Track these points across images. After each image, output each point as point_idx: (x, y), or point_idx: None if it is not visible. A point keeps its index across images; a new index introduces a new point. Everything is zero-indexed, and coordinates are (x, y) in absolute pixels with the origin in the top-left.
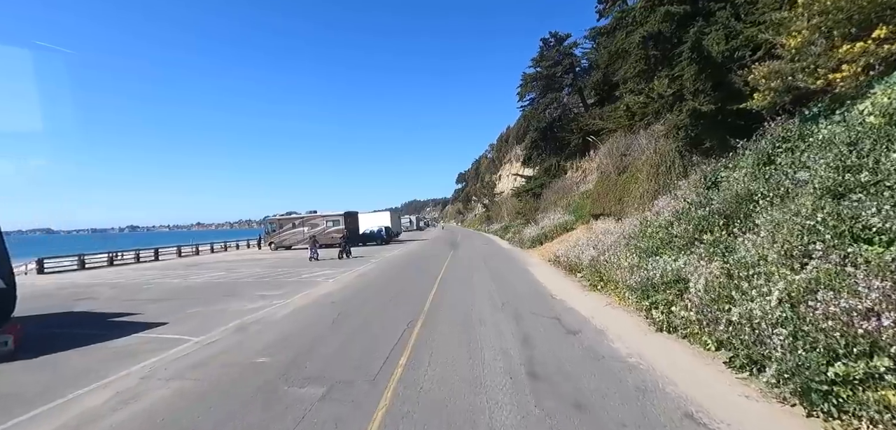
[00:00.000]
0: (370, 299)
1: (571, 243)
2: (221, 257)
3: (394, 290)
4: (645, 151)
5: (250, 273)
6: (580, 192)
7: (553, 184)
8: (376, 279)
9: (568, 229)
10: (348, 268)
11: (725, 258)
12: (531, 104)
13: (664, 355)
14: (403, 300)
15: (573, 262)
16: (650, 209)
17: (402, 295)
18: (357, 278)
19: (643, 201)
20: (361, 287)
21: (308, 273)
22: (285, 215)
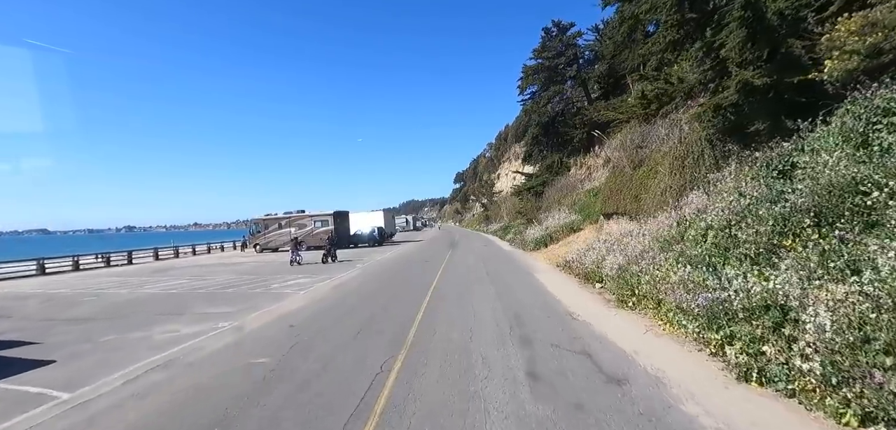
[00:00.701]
0: (341, 321)
1: (581, 246)
2: (197, 262)
3: (374, 307)
4: (665, 141)
5: (216, 282)
6: (586, 189)
7: (556, 182)
8: (357, 290)
9: (575, 230)
10: (329, 275)
11: (855, 277)
12: (532, 98)
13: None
14: (383, 323)
15: (588, 269)
16: (676, 207)
17: (383, 315)
18: (334, 289)
19: (666, 198)
20: (335, 302)
21: (280, 282)
22: (270, 215)
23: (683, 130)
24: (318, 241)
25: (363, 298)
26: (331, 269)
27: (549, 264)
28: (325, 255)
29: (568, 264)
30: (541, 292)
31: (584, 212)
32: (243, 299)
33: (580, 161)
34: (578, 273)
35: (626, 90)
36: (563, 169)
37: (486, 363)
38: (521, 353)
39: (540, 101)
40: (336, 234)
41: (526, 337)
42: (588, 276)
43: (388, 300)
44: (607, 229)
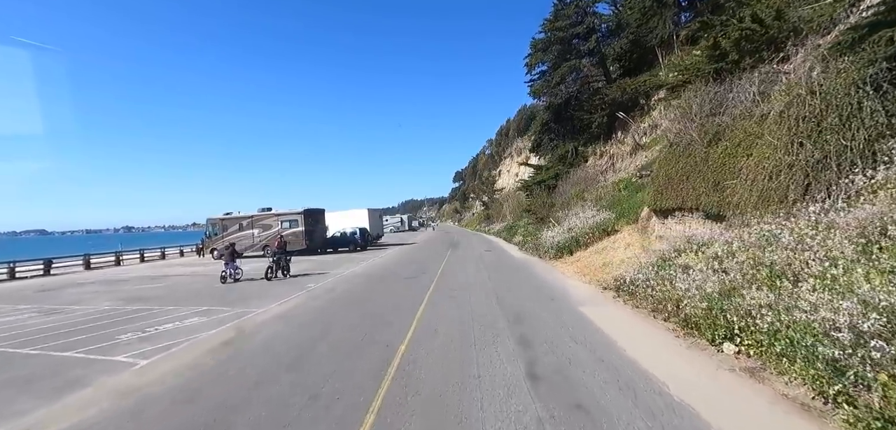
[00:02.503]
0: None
1: (626, 254)
2: (117, 274)
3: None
4: (759, 101)
5: (45, 327)
6: (612, 181)
7: (570, 174)
8: (266, 350)
9: (609, 232)
10: (249, 306)
11: None
12: (542, 78)
13: None
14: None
15: (686, 304)
16: (808, 197)
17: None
18: (222, 347)
19: (783, 185)
20: (189, 396)
21: (157, 321)
22: (229, 215)
23: (812, 76)
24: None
25: (260, 382)
26: (268, 292)
27: (588, 284)
28: (271, 268)
29: (623, 286)
30: (630, 372)
31: (616, 209)
32: (28, 385)
33: (600, 149)
34: (653, 307)
35: (653, 65)
36: (578, 159)
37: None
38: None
39: (551, 79)
40: (307, 236)
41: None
42: (686, 320)
43: (317, 382)
44: (661, 230)
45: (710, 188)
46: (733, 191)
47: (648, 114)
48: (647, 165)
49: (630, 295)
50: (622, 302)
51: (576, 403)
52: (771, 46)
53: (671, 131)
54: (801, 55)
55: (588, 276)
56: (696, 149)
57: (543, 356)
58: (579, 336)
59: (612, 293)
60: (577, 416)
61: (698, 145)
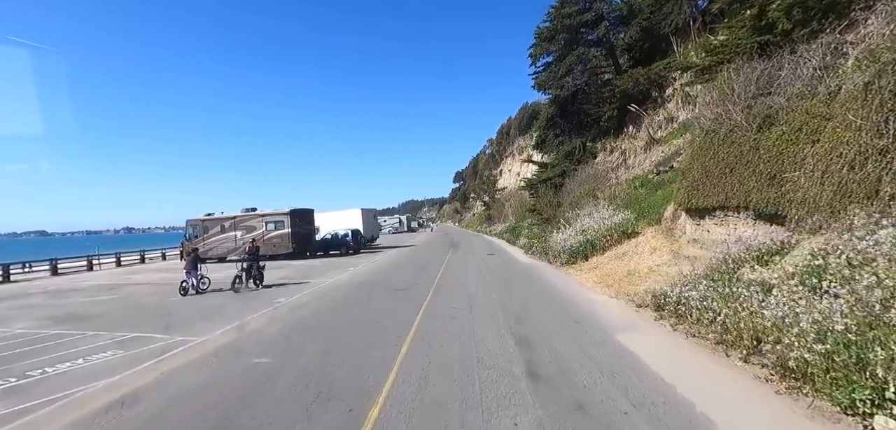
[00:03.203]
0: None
1: (654, 261)
2: (75, 283)
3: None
4: (827, 76)
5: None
6: (625, 179)
7: (578, 171)
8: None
9: (628, 235)
10: (185, 333)
11: None
12: (547, 70)
13: None
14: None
15: (780, 346)
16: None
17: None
18: (101, 415)
19: (872, 175)
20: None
21: (59, 357)
22: (210, 215)
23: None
24: (272, 248)
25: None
26: (224, 309)
27: (616, 299)
28: (239, 278)
29: (665, 304)
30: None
31: (634, 208)
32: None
33: (610, 145)
34: (719, 339)
35: (667, 54)
36: (586, 156)
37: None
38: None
39: (557, 71)
40: (294, 238)
41: None
42: (784, 367)
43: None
44: (695, 232)
45: (764, 182)
46: (796, 185)
47: (663, 106)
48: (666, 160)
49: (678, 317)
50: (669, 327)
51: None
52: (829, 14)
53: (706, 117)
54: (874, 20)
55: (612, 287)
56: (742, 136)
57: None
58: (632, 389)
59: (650, 313)
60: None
61: (745, 132)
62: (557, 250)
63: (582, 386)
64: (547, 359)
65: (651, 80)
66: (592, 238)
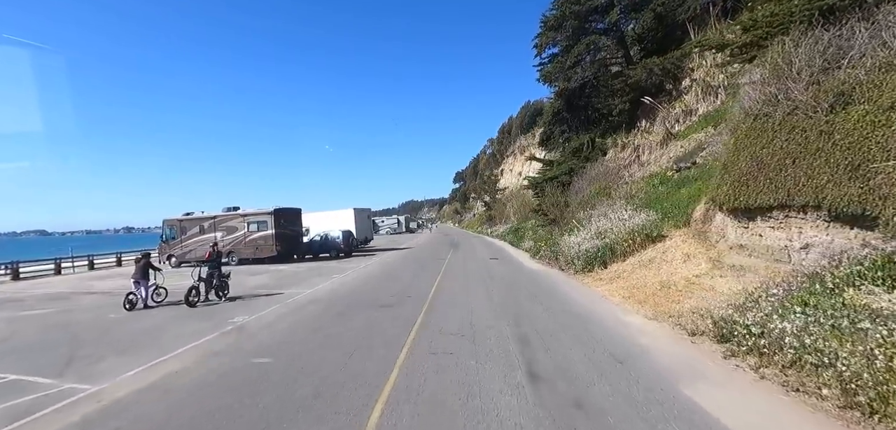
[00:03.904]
0: None
1: (685, 268)
2: (40, 288)
3: None
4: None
5: None
6: (642, 176)
7: (586, 169)
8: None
9: (653, 238)
10: (83, 377)
11: None
12: (553, 61)
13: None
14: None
15: None
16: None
17: None
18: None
19: None
20: None
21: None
22: (189, 215)
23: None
24: (255, 251)
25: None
26: (160, 335)
27: (656, 322)
28: (194, 290)
29: (734, 335)
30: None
31: (656, 208)
32: None
33: (621, 140)
34: (845, 402)
35: (683, 42)
36: (595, 153)
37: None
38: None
39: (565, 61)
40: (279, 240)
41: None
42: None
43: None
44: (741, 237)
45: (843, 175)
46: (892, 177)
47: (680, 99)
48: (687, 155)
49: (760, 356)
50: (750, 372)
51: None
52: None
53: (752, 99)
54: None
55: (646, 305)
56: (807, 119)
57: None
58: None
59: (712, 345)
60: None
61: (811, 114)
62: (571, 255)
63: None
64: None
65: (666, 69)
66: (612, 242)
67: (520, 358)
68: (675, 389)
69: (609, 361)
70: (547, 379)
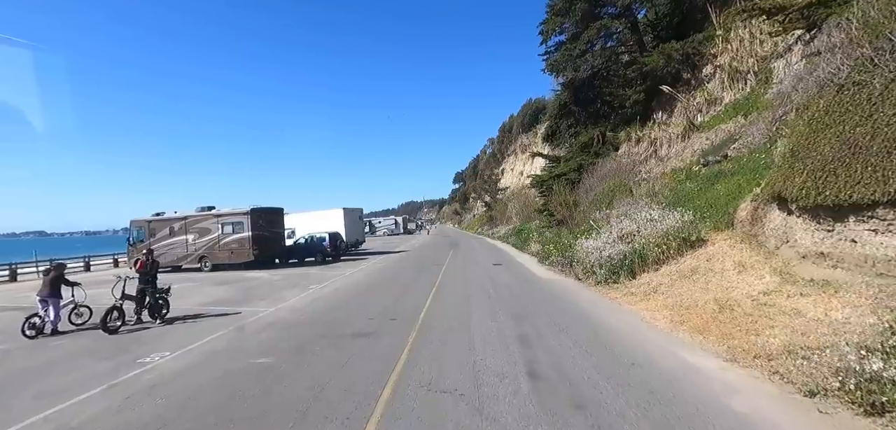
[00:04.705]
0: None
1: (743, 283)
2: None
3: None
4: None
5: None
6: (659, 172)
7: (597, 166)
8: None
9: (691, 243)
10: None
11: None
12: (559, 49)
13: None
14: None
15: None
16: None
17: None
18: None
19: None
20: None
21: None
22: (159, 215)
23: None
24: (229, 255)
25: None
26: (53, 371)
27: (740, 369)
28: (115, 311)
29: (883, 405)
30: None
31: (689, 206)
32: None
33: (636, 134)
34: None
35: (704, 27)
36: (605, 148)
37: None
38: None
39: (574, 49)
40: (256, 243)
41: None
42: None
43: None
44: (824, 244)
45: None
46: None
47: (701, 87)
48: (716, 148)
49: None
50: None
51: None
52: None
53: (831, 68)
54: None
55: (710, 335)
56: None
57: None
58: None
59: (852, 417)
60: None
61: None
62: (590, 262)
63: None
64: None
65: (687, 55)
66: (640, 247)
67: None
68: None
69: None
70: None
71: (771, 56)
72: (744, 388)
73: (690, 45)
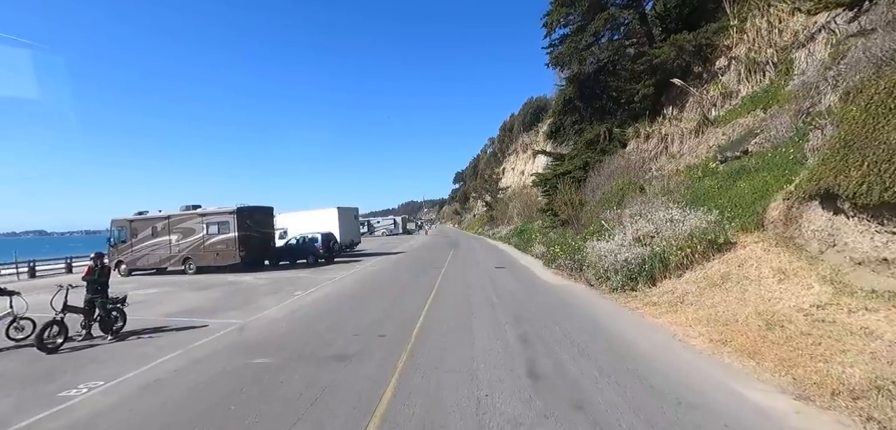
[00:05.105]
0: None
1: (785, 292)
2: None
3: None
4: None
5: None
6: (672, 169)
7: (604, 163)
8: None
9: (718, 246)
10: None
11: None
12: (563, 43)
13: None
14: None
15: None
16: None
17: None
18: None
19: None
20: None
21: None
22: (141, 215)
23: None
24: (214, 257)
25: None
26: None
27: (823, 412)
28: (53, 326)
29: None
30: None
31: (709, 204)
32: None
33: (644, 130)
34: None
35: (714, 18)
36: (612, 145)
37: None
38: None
39: (580, 41)
40: (243, 244)
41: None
42: None
43: None
44: (887, 248)
45: None
46: None
47: (714, 80)
48: (734, 143)
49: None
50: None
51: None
52: None
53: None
54: None
55: (764, 359)
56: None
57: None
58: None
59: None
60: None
61: None
62: (603, 266)
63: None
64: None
65: (700, 46)
66: (661, 250)
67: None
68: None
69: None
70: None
71: (791, 46)
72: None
73: (703, 36)
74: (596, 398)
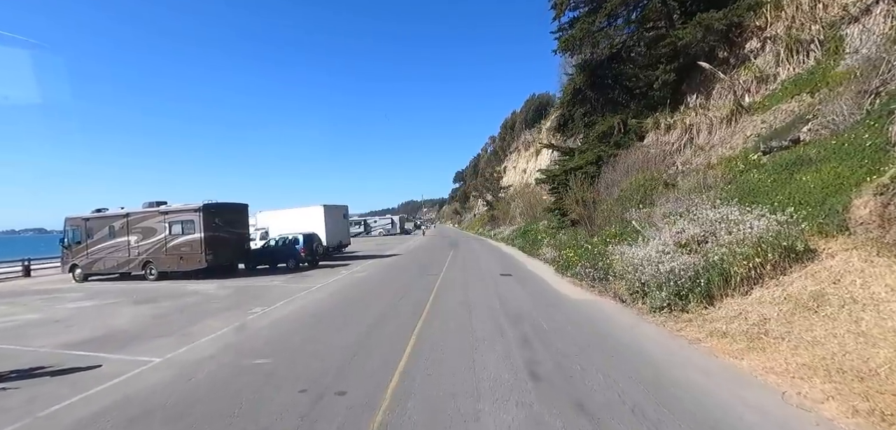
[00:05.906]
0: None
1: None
2: None
3: None
4: None
5: None
6: (701, 163)
7: (618, 157)
8: None
9: (796, 255)
10: None
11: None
12: (573, 25)
13: None
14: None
15: None
16: None
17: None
18: None
19: None
20: None
21: None
22: (100, 212)
23: None
24: (178, 261)
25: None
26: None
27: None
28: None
29: None
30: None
31: (761, 202)
32: None
33: (665, 120)
34: None
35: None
36: (627, 137)
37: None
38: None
39: (593, 21)
40: (210, 247)
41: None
42: None
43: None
44: None
45: None
46: None
47: (746, 64)
48: (778, 132)
49: None
50: None
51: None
52: None
53: None
54: None
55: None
56: None
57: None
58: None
59: None
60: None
61: None
62: (641, 278)
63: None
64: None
65: (729, 26)
66: (720, 259)
67: None
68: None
69: None
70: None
71: (840, 21)
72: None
73: (735, 14)
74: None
